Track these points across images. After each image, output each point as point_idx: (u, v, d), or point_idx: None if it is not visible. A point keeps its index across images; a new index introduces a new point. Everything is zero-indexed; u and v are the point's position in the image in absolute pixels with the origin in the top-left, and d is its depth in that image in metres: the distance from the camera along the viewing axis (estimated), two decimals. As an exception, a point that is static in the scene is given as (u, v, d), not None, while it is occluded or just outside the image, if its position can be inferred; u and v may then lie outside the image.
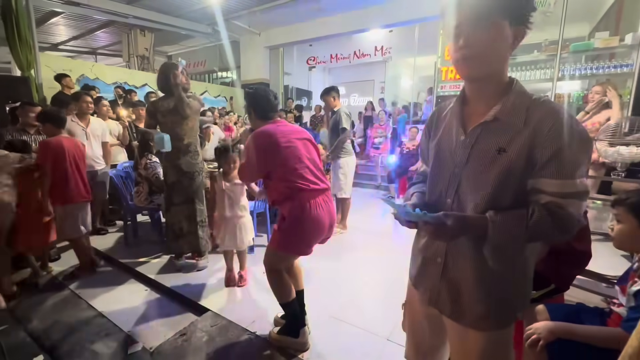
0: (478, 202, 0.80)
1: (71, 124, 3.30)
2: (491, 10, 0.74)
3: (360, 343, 1.87)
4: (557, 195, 0.73)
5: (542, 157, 0.73)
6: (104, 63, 8.97)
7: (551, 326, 1.10)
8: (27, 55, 4.46)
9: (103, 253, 3.16)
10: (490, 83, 0.81)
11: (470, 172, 0.82)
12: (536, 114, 0.75)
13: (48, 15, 6.63)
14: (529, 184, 0.76)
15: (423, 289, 0.97)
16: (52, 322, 2.18)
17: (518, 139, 0.75)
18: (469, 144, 0.83)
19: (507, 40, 0.76)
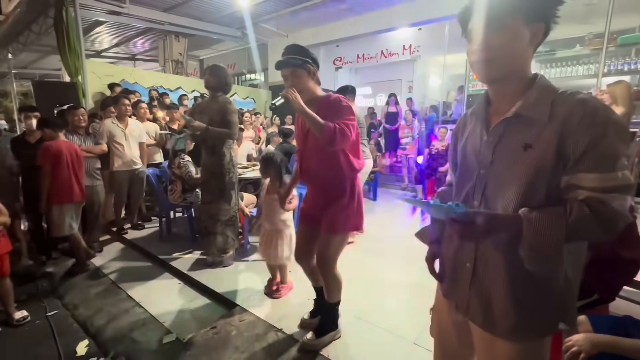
0: (507, 202, 0.76)
1: (111, 126, 3.54)
2: (500, 11, 0.72)
3: (387, 345, 1.86)
4: (597, 190, 0.67)
5: (575, 151, 0.68)
6: (141, 68, 9.51)
7: (594, 338, 1.03)
8: (75, 62, 4.83)
9: (140, 247, 3.35)
10: (510, 83, 0.79)
11: (496, 171, 0.80)
12: (563, 106, 0.71)
13: (93, 24, 7.13)
14: (563, 180, 0.71)
15: (451, 296, 0.94)
16: (96, 309, 2.35)
17: (545, 133, 0.72)
18: (492, 143, 0.81)
19: (523, 40, 0.73)
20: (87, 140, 3.19)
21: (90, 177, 3.18)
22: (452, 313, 0.95)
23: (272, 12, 6.54)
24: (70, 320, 2.29)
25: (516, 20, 0.72)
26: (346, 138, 1.50)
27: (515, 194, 0.75)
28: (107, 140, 3.52)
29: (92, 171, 3.20)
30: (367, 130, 7.24)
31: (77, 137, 3.11)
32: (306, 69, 1.58)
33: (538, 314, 0.79)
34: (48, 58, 9.47)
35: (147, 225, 4.01)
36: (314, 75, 1.62)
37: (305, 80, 1.58)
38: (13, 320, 2.20)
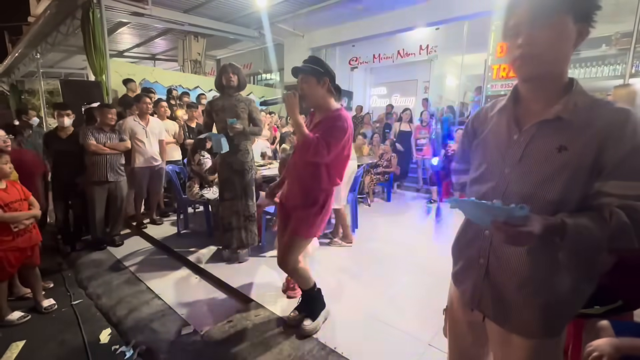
0: (531, 203, 0.73)
1: (133, 123, 3.66)
2: (554, 5, 0.71)
3: (402, 346, 1.86)
4: (630, 198, 0.68)
5: (612, 159, 0.69)
6: (161, 67, 9.76)
7: (617, 342, 1.00)
8: (100, 62, 5.01)
9: (159, 241, 3.45)
10: (549, 82, 0.78)
11: (523, 171, 0.79)
12: (603, 114, 0.72)
13: (116, 25, 7.37)
14: (595, 186, 0.71)
15: (464, 291, 0.94)
16: (118, 300, 2.44)
17: (582, 138, 0.72)
18: (523, 142, 0.80)
19: (570, 38, 0.73)
20: (113, 137, 3.31)
21: (115, 173, 3.29)
22: (466, 312, 0.95)
23: (289, 12, 6.59)
24: (93, 309, 2.39)
25: (566, 18, 0.71)
26: (319, 154, 1.61)
27: (541, 196, 0.75)
28: (128, 138, 3.64)
29: (116, 167, 3.31)
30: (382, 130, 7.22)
31: (103, 134, 3.23)
32: (316, 76, 1.68)
33: (550, 311, 0.79)
34: (73, 58, 9.83)
35: (165, 221, 4.12)
36: (324, 84, 1.69)
37: (313, 87, 1.68)
38: (42, 307, 2.32)
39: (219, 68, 2.89)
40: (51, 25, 6.40)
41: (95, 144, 3.14)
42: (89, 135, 3.14)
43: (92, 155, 3.16)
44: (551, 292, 0.78)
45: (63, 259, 3.21)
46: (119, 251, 3.29)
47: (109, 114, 3.27)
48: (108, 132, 3.28)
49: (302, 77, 1.69)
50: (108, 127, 3.29)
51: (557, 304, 0.79)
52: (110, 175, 3.24)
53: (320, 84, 1.68)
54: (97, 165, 3.17)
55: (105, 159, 3.20)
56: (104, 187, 3.26)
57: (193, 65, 7.84)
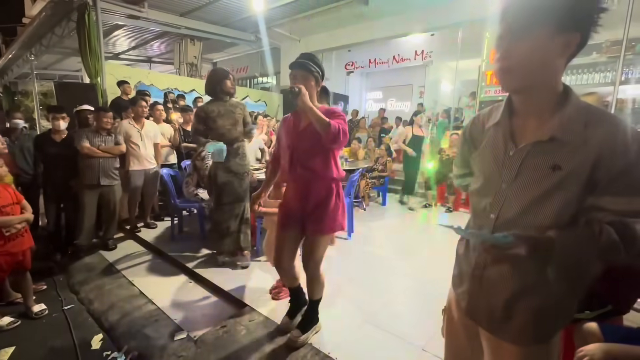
0: (525, 219, 0.76)
1: (128, 127, 3.64)
2: (531, 17, 0.69)
3: (395, 350, 1.86)
4: (623, 214, 0.69)
5: (607, 175, 0.69)
6: (157, 70, 9.74)
7: (606, 347, 1.02)
8: (95, 64, 4.99)
9: (153, 245, 3.42)
10: (538, 95, 0.76)
11: (519, 188, 0.78)
12: (598, 130, 0.70)
13: (112, 28, 7.36)
14: (589, 201, 0.72)
15: (461, 296, 0.95)
16: (110, 305, 2.42)
17: (577, 156, 0.71)
18: (518, 159, 0.79)
19: (551, 50, 0.70)
20: (108, 141, 3.27)
21: (108, 177, 3.25)
22: (461, 316, 0.96)
23: (285, 16, 6.64)
24: (85, 314, 2.36)
25: (545, 29, 0.68)
26: (346, 137, 1.64)
27: (537, 212, 0.75)
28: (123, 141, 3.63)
29: (110, 171, 3.27)
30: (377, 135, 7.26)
31: (98, 138, 3.20)
32: (314, 76, 1.71)
33: (541, 318, 0.80)
34: (68, 60, 9.79)
35: (159, 224, 4.09)
36: (317, 84, 1.74)
37: (310, 86, 1.70)
38: (32, 313, 2.28)
39: (212, 73, 2.85)
40: (46, 26, 6.37)
41: (88, 147, 3.10)
42: (84, 138, 3.11)
43: (85, 158, 3.13)
44: (541, 301, 0.80)
45: (54, 263, 3.17)
46: (112, 255, 3.26)
47: (105, 117, 3.24)
48: (104, 135, 3.25)
49: (301, 73, 1.69)
50: (104, 130, 3.26)
51: (546, 312, 0.80)
52: (103, 179, 3.20)
53: (315, 84, 1.72)
54: (90, 169, 3.14)
55: (98, 163, 3.16)
56: (96, 191, 3.22)
57: (189, 69, 7.84)
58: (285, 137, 1.80)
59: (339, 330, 2.02)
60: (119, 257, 3.21)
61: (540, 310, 0.80)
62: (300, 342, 1.87)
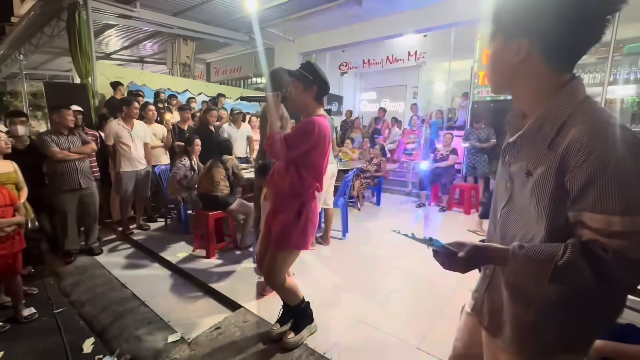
0: (516, 228, 0.75)
1: (118, 127, 3.58)
2: (493, 26, 0.75)
3: (390, 350, 1.86)
4: (602, 234, 0.58)
5: (574, 184, 0.60)
6: (149, 70, 9.64)
7: (598, 345, 1.04)
8: (86, 64, 4.92)
9: (146, 247, 3.39)
10: (520, 97, 0.75)
11: (516, 191, 0.76)
12: (570, 130, 0.62)
13: (103, 27, 7.25)
14: (570, 217, 0.63)
15: (474, 294, 0.96)
16: (102, 308, 2.38)
17: (543, 161, 0.66)
18: (507, 162, 0.79)
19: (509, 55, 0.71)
20: (75, 141, 3.08)
21: (87, 178, 3.14)
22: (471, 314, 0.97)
23: (279, 17, 6.61)
24: (76, 318, 2.32)
25: (499, 36, 0.73)
26: (275, 151, 1.65)
27: (527, 218, 0.71)
28: (113, 142, 3.57)
29: (87, 172, 3.15)
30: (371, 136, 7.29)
31: (63, 139, 3.00)
32: (303, 82, 1.69)
33: (535, 334, 0.74)
34: (58, 59, 9.63)
35: (152, 226, 4.05)
36: (311, 91, 1.70)
37: (299, 92, 1.70)
38: (21, 317, 2.24)
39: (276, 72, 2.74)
40: (35, 26, 6.26)
41: (61, 152, 2.93)
42: (49, 142, 2.89)
43: (57, 163, 2.94)
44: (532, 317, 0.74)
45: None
46: (104, 258, 3.22)
47: (68, 115, 3.01)
48: (68, 135, 3.04)
49: (292, 81, 1.73)
50: (66, 129, 3.03)
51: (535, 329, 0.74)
52: (83, 181, 3.08)
53: (307, 91, 1.69)
54: (67, 174, 2.98)
55: (74, 165, 3.01)
56: (76, 194, 3.09)
57: (182, 69, 7.78)
58: None
59: (334, 331, 2.02)
60: (111, 260, 3.17)
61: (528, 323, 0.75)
62: (293, 343, 1.86)
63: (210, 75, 11.02)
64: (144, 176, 3.83)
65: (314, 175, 1.72)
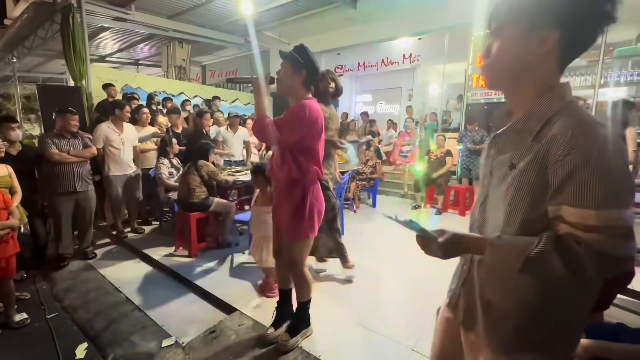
0: (496, 219, 0.75)
1: (108, 130, 3.55)
2: (505, 17, 0.70)
3: (385, 351, 1.87)
4: (579, 228, 0.60)
5: (555, 178, 0.62)
6: (144, 73, 9.61)
7: (586, 343, 1.05)
8: (80, 67, 4.88)
9: (140, 250, 3.36)
10: (518, 93, 0.74)
11: (493, 186, 0.78)
12: (554, 125, 0.65)
13: (98, 30, 7.24)
14: (549, 211, 0.65)
15: (449, 291, 0.97)
16: (95, 312, 2.36)
17: (527, 154, 0.68)
18: (492, 155, 0.80)
19: (528, 47, 0.68)
20: (76, 144, 3.11)
21: (83, 182, 3.12)
22: (447, 313, 0.98)
23: (275, 20, 6.65)
24: (69, 323, 2.30)
25: (517, 27, 0.68)
26: (266, 135, 1.62)
27: (502, 213, 0.72)
28: (103, 145, 3.52)
29: (84, 176, 3.14)
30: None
31: (65, 142, 3.04)
32: (293, 64, 1.66)
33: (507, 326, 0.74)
34: (52, 62, 9.57)
35: (147, 229, 4.03)
36: (300, 75, 1.67)
37: (288, 75, 1.67)
38: (13, 322, 2.21)
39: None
40: (29, 28, 6.23)
41: (59, 153, 2.94)
42: (49, 143, 2.92)
43: (55, 165, 2.95)
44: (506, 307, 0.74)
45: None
46: (98, 262, 3.19)
47: (72, 120, 3.05)
48: (70, 138, 3.08)
49: (282, 62, 1.70)
50: (69, 133, 3.08)
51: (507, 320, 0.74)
52: (79, 184, 3.07)
53: (297, 74, 1.66)
54: (63, 176, 2.98)
55: (71, 168, 3.02)
56: (72, 197, 3.08)
57: (177, 71, 7.77)
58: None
59: (329, 333, 2.02)
60: (105, 264, 3.14)
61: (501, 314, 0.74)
62: (289, 346, 1.85)
63: (205, 77, 11.01)
64: (134, 180, 3.79)
65: (311, 160, 1.72)
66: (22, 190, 2.64)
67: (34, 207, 3.00)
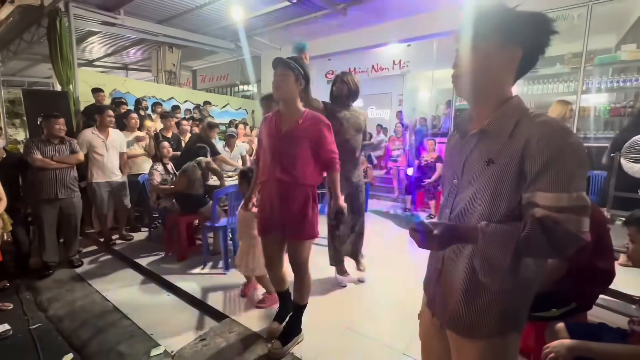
0: (472, 213, 0.82)
1: (91, 136, 3.49)
2: (476, 31, 0.78)
3: (376, 356, 1.87)
4: (551, 209, 0.70)
5: (532, 169, 0.72)
6: (133, 77, 9.50)
7: (569, 344, 1.08)
8: (67, 71, 4.82)
9: (128, 258, 3.30)
10: (485, 101, 0.83)
11: (465, 183, 0.85)
12: (526, 126, 0.75)
13: (86, 34, 7.14)
14: (524, 197, 0.75)
15: (427, 294, 1.00)
16: (81, 322, 2.30)
17: (506, 150, 0.76)
18: (463, 155, 0.87)
19: (497, 62, 0.78)
20: (62, 150, 3.05)
21: (67, 189, 3.05)
22: (430, 316, 1.00)
23: (265, 25, 6.67)
24: (54, 333, 2.24)
25: (489, 43, 0.77)
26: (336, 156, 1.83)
27: (479, 206, 0.80)
28: (86, 151, 3.44)
29: (69, 183, 3.06)
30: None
31: (50, 147, 2.98)
32: (295, 74, 1.72)
33: (487, 315, 0.83)
34: (38, 66, 9.40)
35: (135, 236, 3.96)
36: (299, 85, 1.75)
37: (289, 83, 1.72)
38: (-6, 334, 2.14)
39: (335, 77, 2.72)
40: (14, 32, 6.12)
41: (41, 158, 2.88)
42: (34, 148, 2.88)
43: (38, 171, 2.89)
44: (489, 297, 0.82)
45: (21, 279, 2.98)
46: (85, 270, 3.12)
47: (57, 124, 2.99)
48: (57, 144, 3.02)
49: (282, 70, 1.72)
50: (57, 138, 3.02)
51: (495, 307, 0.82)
52: (62, 191, 2.99)
53: (297, 83, 1.73)
54: (46, 182, 2.92)
55: (54, 174, 2.95)
56: (55, 204, 3.01)
57: (167, 76, 7.71)
58: (267, 139, 1.82)
59: (320, 338, 2.01)
60: (92, 272, 3.08)
61: (486, 306, 0.82)
62: (281, 354, 1.85)
63: (196, 82, 10.95)
64: (119, 187, 3.72)
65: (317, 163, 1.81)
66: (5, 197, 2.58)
67: (16, 214, 2.93)
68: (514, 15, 0.77)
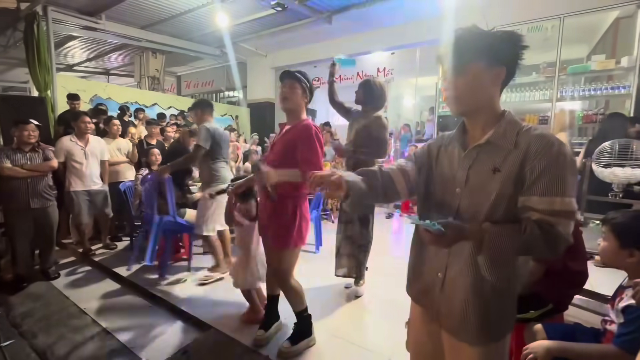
0: (476, 217, 0.86)
1: (70, 144, 3.38)
2: (464, 57, 0.85)
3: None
4: (546, 213, 0.77)
5: (530, 175, 0.79)
6: (115, 83, 9.31)
7: (547, 345, 1.12)
8: (45, 76, 4.68)
9: (108, 269, 3.20)
10: (479, 115, 0.90)
11: (469, 190, 0.89)
12: (525, 137, 0.83)
13: (65, 39, 6.97)
14: (520, 201, 0.81)
15: (425, 305, 1.01)
16: (57, 337, 2.21)
17: (509, 159, 0.83)
18: (466, 165, 0.91)
19: (485, 81, 0.86)
20: (34, 158, 2.92)
21: (40, 198, 2.92)
22: (425, 323, 1.01)
23: (251, 32, 6.69)
24: (27, 350, 2.13)
25: (478, 65, 0.84)
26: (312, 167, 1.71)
27: (484, 211, 0.85)
28: (63, 159, 3.34)
29: (42, 192, 2.93)
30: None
31: (21, 155, 2.85)
32: (302, 86, 1.81)
33: (496, 319, 0.89)
34: (14, 70, 9.09)
35: (118, 245, 3.85)
36: (305, 98, 1.84)
37: (297, 94, 1.79)
38: (-39, 352, 2.02)
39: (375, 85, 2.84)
40: (-12, 36, 5.92)
41: (10, 167, 2.75)
42: (3, 157, 2.76)
43: (8, 180, 2.77)
44: (494, 301, 0.88)
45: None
46: (61, 282, 3.00)
47: (26, 130, 2.86)
48: (28, 151, 2.90)
49: (290, 82, 1.79)
50: (28, 146, 2.89)
51: (499, 311, 0.89)
52: (34, 201, 2.87)
53: (303, 96, 1.82)
54: (17, 191, 2.80)
55: (25, 183, 2.83)
56: (27, 214, 2.88)
57: (151, 82, 7.60)
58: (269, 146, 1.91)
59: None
60: (70, 284, 2.96)
61: (494, 309, 0.88)
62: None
63: (181, 88, 10.82)
64: (99, 195, 3.60)
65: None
66: None
67: None
68: (497, 37, 0.84)
